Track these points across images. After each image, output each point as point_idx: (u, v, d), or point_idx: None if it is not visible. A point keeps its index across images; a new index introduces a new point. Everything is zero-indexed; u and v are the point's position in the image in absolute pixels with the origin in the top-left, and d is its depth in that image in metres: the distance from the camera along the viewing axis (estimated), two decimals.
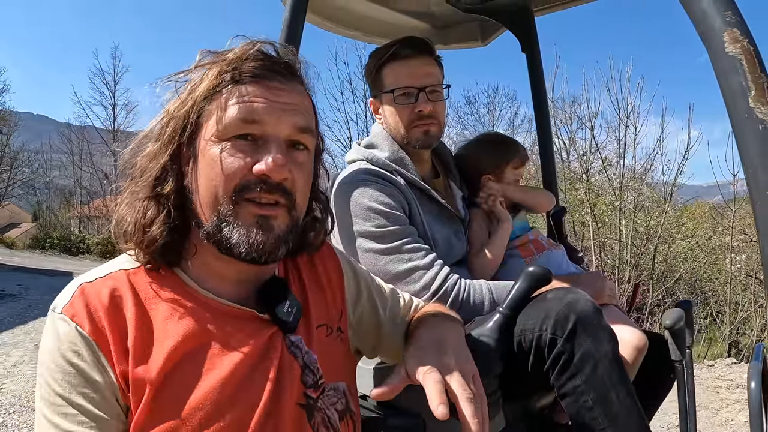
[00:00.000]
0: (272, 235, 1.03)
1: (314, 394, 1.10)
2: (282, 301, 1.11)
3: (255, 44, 1.09)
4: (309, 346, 1.13)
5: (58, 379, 0.94)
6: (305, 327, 1.15)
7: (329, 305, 1.24)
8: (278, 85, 1.06)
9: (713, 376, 7.32)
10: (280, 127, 1.04)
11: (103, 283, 1.02)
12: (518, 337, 1.46)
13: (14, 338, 8.14)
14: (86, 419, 0.94)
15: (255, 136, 1.03)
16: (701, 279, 12.33)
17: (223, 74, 1.04)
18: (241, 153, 1.01)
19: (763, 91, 0.90)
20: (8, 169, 34.54)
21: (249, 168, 1.01)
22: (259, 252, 1.02)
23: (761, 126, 0.89)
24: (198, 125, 1.05)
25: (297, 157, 1.07)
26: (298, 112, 1.07)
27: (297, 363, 1.09)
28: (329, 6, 2.47)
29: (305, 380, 1.09)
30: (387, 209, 1.78)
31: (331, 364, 1.16)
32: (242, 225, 1.01)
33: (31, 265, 18.76)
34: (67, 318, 0.97)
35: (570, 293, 1.45)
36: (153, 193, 1.05)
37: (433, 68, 1.98)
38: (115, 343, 0.96)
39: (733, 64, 0.93)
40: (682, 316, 1.57)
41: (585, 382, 1.37)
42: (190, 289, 1.06)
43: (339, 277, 1.31)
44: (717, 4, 0.95)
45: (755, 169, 0.90)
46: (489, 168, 2.24)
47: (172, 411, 0.95)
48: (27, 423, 4.98)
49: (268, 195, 1.02)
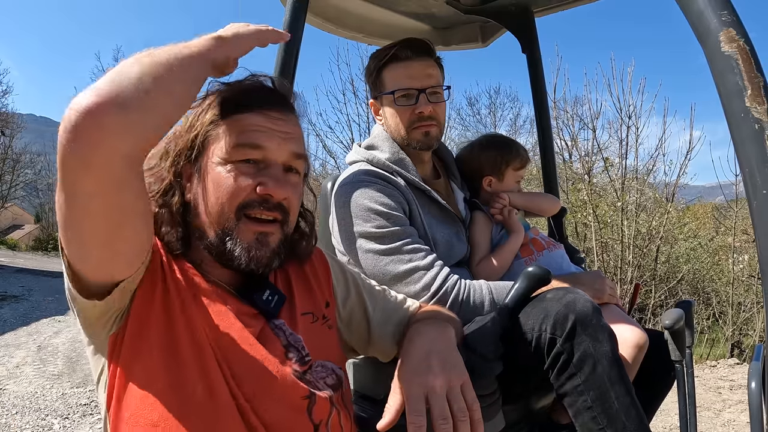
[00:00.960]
0: (268, 250, 1.18)
1: (300, 368, 1.19)
2: (261, 290, 1.24)
3: (256, 77, 1.26)
4: (294, 329, 1.25)
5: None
6: (289, 313, 1.27)
7: (315, 296, 1.37)
8: (278, 115, 1.20)
9: (716, 376, 7.31)
10: (280, 152, 1.19)
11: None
12: (518, 337, 1.46)
13: (17, 339, 8.15)
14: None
15: (257, 160, 1.17)
16: (704, 279, 12.31)
17: (227, 102, 1.19)
18: (245, 175, 1.16)
19: (759, 90, 0.90)
20: (11, 170, 34.57)
21: (252, 188, 1.15)
22: (258, 264, 1.17)
23: (757, 125, 0.90)
24: (203, 147, 1.19)
25: (291, 179, 1.23)
26: (294, 140, 1.22)
27: (279, 342, 1.20)
28: (330, 8, 2.47)
29: (289, 356, 1.20)
30: (387, 210, 1.79)
31: (317, 345, 1.26)
32: (243, 241, 1.16)
33: (33, 267, 18.79)
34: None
35: (569, 293, 1.46)
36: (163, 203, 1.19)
37: (433, 70, 1.98)
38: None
39: (730, 64, 0.93)
40: (681, 316, 1.57)
41: (584, 381, 1.37)
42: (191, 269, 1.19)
43: (326, 273, 1.44)
44: (713, 5, 0.96)
45: (752, 168, 0.91)
46: (489, 170, 2.25)
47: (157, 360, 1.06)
48: (29, 424, 4.99)
49: (268, 212, 1.17)
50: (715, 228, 13.28)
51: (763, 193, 0.89)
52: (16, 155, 34.98)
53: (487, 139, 2.38)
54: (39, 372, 6.54)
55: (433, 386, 1.11)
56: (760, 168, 0.89)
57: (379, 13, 2.55)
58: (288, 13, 1.88)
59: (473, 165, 2.28)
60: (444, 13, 2.62)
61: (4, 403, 5.45)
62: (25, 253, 28.10)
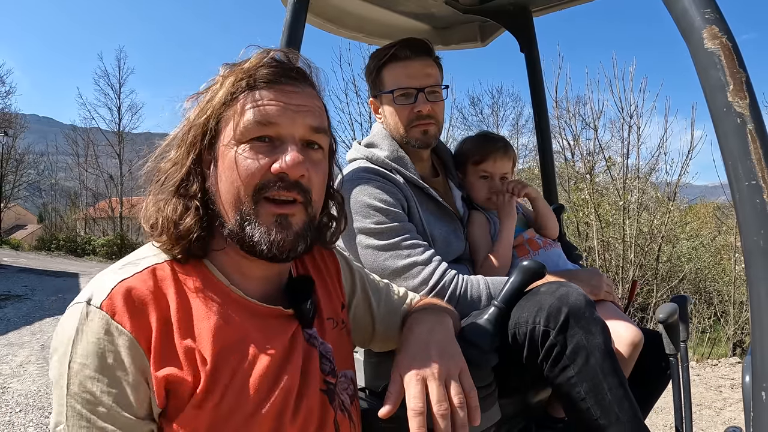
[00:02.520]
0: (291, 232, 1.09)
1: (332, 380, 1.19)
2: (307, 297, 1.19)
3: (268, 52, 1.16)
4: (323, 337, 1.22)
5: (91, 377, 0.94)
6: (318, 320, 1.23)
7: (333, 299, 1.32)
8: (291, 88, 1.12)
9: (717, 375, 7.32)
10: (294, 127, 1.10)
11: (143, 278, 1.03)
12: (512, 330, 1.49)
13: (20, 338, 8.20)
14: (116, 418, 0.95)
15: (272, 138, 1.09)
16: (705, 279, 12.31)
17: (239, 82, 1.10)
18: (260, 154, 1.07)
19: (741, 85, 0.93)
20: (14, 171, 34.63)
21: (268, 167, 1.07)
22: (280, 249, 1.08)
23: (739, 119, 0.92)
24: (217, 131, 1.11)
25: (312, 155, 1.13)
26: (311, 112, 1.12)
27: (316, 352, 1.18)
28: (330, 8, 2.50)
29: (323, 368, 1.19)
30: (386, 206, 1.82)
31: (341, 353, 1.25)
32: (263, 224, 1.07)
33: (36, 267, 18.83)
34: (107, 314, 0.96)
35: (562, 286, 1.48)
36: (179, 193, 1.11)
37: (432, 69, 2.01)
38: (159, 344, 0.98)
39: (712, 60, 0.96)
40: (675, 310, 1.59)
41: (578, 373, 1.39)
42: (221, 285, 1.11)
43: (337, 271, 1.39)
44: (696, 3, 0.98)
45: (734, 161, 0.93)
46: (457, 165, 2.29)
47: (218, 407, 1.00)
48: (33, 422, 5.02)
49: (286, 192, 1.08)
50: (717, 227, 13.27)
51: (744, 184, 0.92)
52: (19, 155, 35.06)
53: (479, 133, 2.42)
54: (42, 371, 6.58)
55: (432, 374, 1.11)
56: (742, 160, 0.92)
57: (379, 13, 2.57)
58: (289, 13, 1.89)
59: (460, 150, 2.32)
60: (443, 13, 2.64)
61: (8, 401, 5.49)
62: (28, 253, 28.14)
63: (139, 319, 0.97)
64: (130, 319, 0.96)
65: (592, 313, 1.43)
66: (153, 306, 1.00)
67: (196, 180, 1.12)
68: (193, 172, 1.12)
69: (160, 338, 0.98)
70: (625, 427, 1.38)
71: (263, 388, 1.04)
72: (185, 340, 1.00)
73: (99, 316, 0.96)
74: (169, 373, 0.97)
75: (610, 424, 1.38)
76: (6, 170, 33.42)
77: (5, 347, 7.64)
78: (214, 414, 0.99)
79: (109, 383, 0.94)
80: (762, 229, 0.91)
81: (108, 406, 0.94)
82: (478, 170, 2.22)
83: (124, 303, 0.97)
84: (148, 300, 1.00)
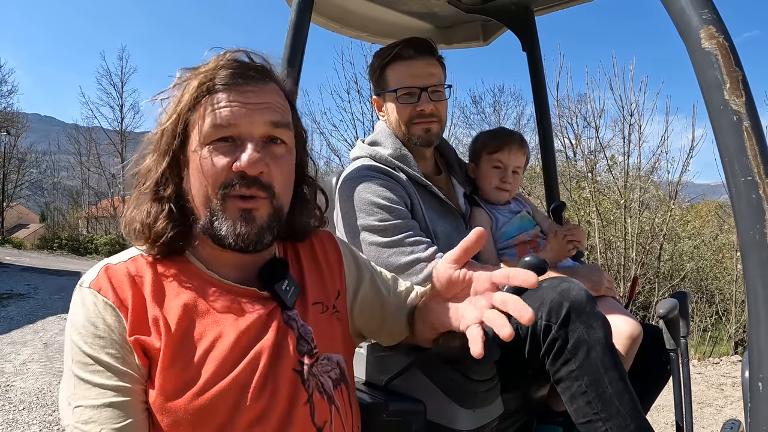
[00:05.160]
0: (255, 226, 1.15)
1: (308, 361, 1.20)
2: (281, 279, 1.24)
3: (226, 54, 1.21)
4: (304, 320, 1.25)
5: (87, 342, 1.08)
6: (301, 303, 1.27)
7: (326, 286, 1.35)
8: (249, 87, 1.16)
9: (718, 373, 7.33)
10: (253, 126, 1.15)
11: (125, 264, 1.18)
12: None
13: (23, 337, 8.23)
14: (112, 374, 1.07)
15: (233, 137, 1.14)
16: (707, 277, 12.30)
17: (201, 86, 1.15)
18: (222, 155, 1.13)
19: (738, 84, 0.95)
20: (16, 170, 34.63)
21: (229, 167, 1.13)
22: (245, 242, 1.15)
23: (735, 117, 0.95)
24: (186, 135, 1.18)
25: (275, 150, 1.18)
26: (269, 109, 1.17)
27: (292, 333, 1.21)
28: (334, 7, 2.51)
29: (300, 349, 1.20)
30: (389, 204, 1.84)
31: (325, 336, 1.27)
32: (229, 219, 1.14)
33: (39, 266, 18.86)
34: (95, 291, 1.12)
35: (564, 282, 1.50)
36: (155, 196, 1.19)
37: (435, 68, 2.04)
38: (134, 313, 1.11)
39: (709, 59, 0.98)
40: (675, 305, 1.62)
41: (579, 367, 1.42)
42: (198, 270, 1.21)
43: (338, 262, 1.42)
44: (694, 3, 1.01)
45: (731, 157, 0.96)
46: (471, 156, 2.33)
47: (182, 372, 1.09)
48: (36, 419, 5.05)
49: (248, 189, 1.14)
50: (719, 226, 13.26)
51: (741, 180, 0.95)
52: (21, 154, 35.07)
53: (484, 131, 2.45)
54: (45, 369, 6.61)
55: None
56: (738, 157, 0.95)
57: (382, 13, 2.59)
58: (294, 12, 1.91)
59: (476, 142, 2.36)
60: (446, 12, 2.65)
61: (12, 399, 5.52)
62: (31, 252, 28.18)
63: (120, 292, 1.12)
64: (113, 292, 1.11)
65: (593, 308, 1.46)
66: (131, 283, 1.14)
67: (172, 182, 1.19)
68: (169, 174, 1.19)
69: (135, 310, 1.11)
70: (626, 419, 1.40)
71: (228, 361, 1.10)
72: (154, 309, 1.11)
73: (89, 293, 1.12)
74: (140, 338, 1.09)
75: (610, 417, 1.40)
76: (8, 169, 33.43)
77: (8, 345, 7.67)
78: (180, 378, 1.08)
79: (103, 345, 1.08)
80: (758, 223, 0.93)
81: (105, 363, 1.07)
82: (492, 159, 2.25)
83: (108, 280, 1.13)
84: (127, 279, 1.14)
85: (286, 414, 1.14)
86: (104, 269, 1.16)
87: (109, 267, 1.17)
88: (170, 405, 1.07)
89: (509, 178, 2.22)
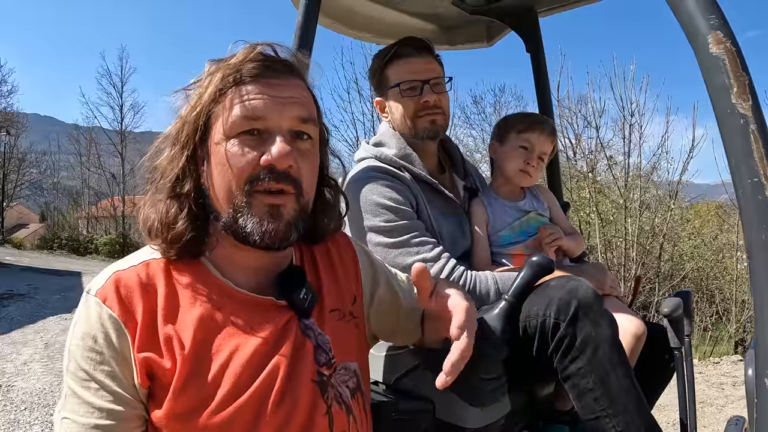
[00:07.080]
0: (282, 222, 1.11)
1: (327, 372, 1.18)
2: (299, 288, 1.20)
3: (255, 47, 1.17)
4: (321, 328, 1.22)
5: (84, 355, 1.05)
6: (318, 311, 1.23)
7: (343, 292, 1.32)
8: (277, 81, 1.13)
9: (719, 372, 7.35)
10: (281, 119, 1.11)
11: (136, 269, 1.12)
12: (523, 322, 1.53)
13: (24, 337, 8.22)
14: (105, 393, 1.04)
15: (260, 131, 1.11)
16: (707, 277, 12.31)
17: (226, 78, 1.12)
18: (248, 147, 1.10)
19: (745, 88, 0.98)
20: (16, 170, 34.55)
21: (257, 160, 1.09)
22: (272, 239, 1.11)
23: (742, 120, 0.97)
24: (208, 127, 1.13)
25: (301, 146, 1.15)
26: (297, 103, 1.14)
27: (310, 343, 1.18)
28: (340, 9, 2.53)
29: (318, 359, 1.18)
30: (395, 205, 1.86)
31: (343, 345, 1.24)
32: (255, 215, 1.10)
33: (39, 266, 18.83)
34: (100, 300, 1.07)
35: (571, 280, 1.52)
36: (173, 193, 1.15)
37: (434, 65, 2.08)
38: (143, 329, 1.06)
39: (717, 64, 1.01)
40: (680, 304, 1.63)
41: (586, 364, 1.44)
42: (213, 278, 1.15)
43: (355, 266, 1.39)
44: (702, 9, 1.03)
45: (738, 160, 0.99)
46: (494, 137, 2.26)
47: (198, 392, 1.05)
48: (38, 419, 5.06)
49: (276, 183, 1.10)
50: (719, 226, 13.27)
51: (747, 182, 0.97)
52: (21, 154, 35.00)
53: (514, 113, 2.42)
54: (47, 369, 6.62)
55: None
56: (745, 159, 0.97)
57: (386, 14, 2.60)
58: (301, 15, 1.91)
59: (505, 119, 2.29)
60: (450, 13, 2.67)
61: (13, 400, 5.52)
62: (31, 252, 28.17)
63: (127, 304, 1.07)
64: (119, 304, 1.06)
65: (601, 306, 1.48)
66: (141, 294, 1.08)
67: (190, 178, 1.15)
68: (188, 169, 1.15)
69: (145, 325, 1.06)
70: (632, 416, 1.42)
71: (245, 376, 1.07)
72: (167, 326, 1.06)
73: (94, 302, 1.07)
74: (149, 357, 1.04)
75: (617, 414, 1.42)
76: (8, 169, 33.36)
77: (9, 346, 7.68)
78: (196, 398, 1.04)
79: (100, 361, 1.04)
80: (764, 224, 0.95)
81: (99, 381, 1.04)
82: (520, 138, 2.15)
83: (114, 290, 1.07)
84: (138, 289, 1.09)
85: (306, 426, 1.11)
86: (113, 277, 1.10)
87: (119, 275, 1.11)
88: (185, 425, 1.04)
89: (534, 161, 2.14)
